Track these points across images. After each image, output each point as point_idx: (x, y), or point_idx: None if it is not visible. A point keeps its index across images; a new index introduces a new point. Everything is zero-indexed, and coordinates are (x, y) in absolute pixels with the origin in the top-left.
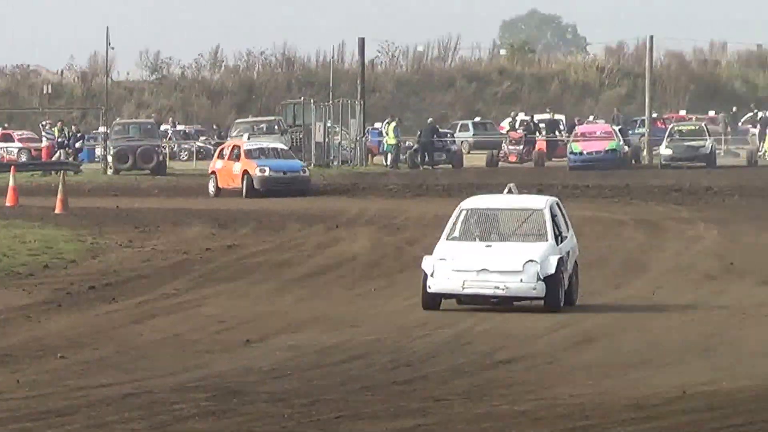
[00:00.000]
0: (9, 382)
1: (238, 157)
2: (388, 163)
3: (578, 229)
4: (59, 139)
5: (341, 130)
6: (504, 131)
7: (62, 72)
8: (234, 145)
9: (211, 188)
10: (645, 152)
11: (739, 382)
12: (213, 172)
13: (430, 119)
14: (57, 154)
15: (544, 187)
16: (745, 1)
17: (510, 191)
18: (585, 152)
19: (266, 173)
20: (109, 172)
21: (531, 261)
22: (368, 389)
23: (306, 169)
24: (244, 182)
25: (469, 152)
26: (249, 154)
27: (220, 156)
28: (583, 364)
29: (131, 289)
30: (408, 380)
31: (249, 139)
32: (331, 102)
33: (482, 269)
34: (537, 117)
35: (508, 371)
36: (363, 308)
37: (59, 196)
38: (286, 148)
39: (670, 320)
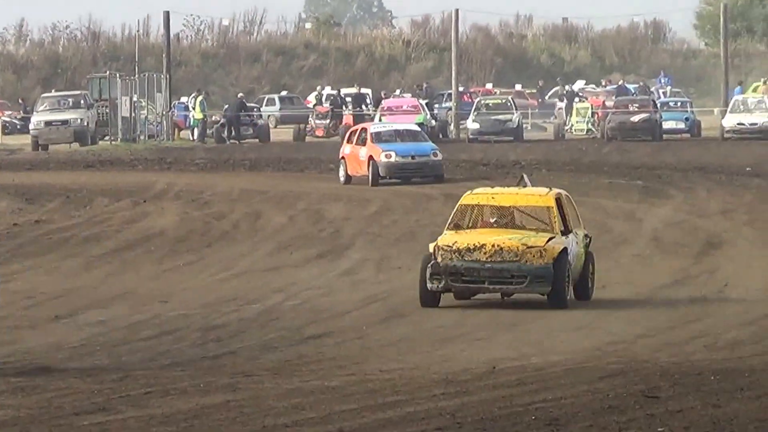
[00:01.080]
0: None
1: (364, 142)
2: (195, 137)
3: (387, 203)
4: None
5: (147, 104)
6: (310, 105)
7: None
8: (362, 128)
9: (341, 175)
10: (452, 126)
11: (549, 357)
12: (342, 158)
13: (240, 94)
14: None
15: None
16: None
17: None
18: None
19: (392, 158)
20: None
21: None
22: (178, 365)
23: (438, 152)
24: (370, 169)
25: (276, 126)
26: (376, 137)
27: (349, 140)
28: (393, 339)
29: None
30: (217, 356)
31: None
32: (137, 76)
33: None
34: (343, 91)
35: (318, 347)
36: (171, 283)
37: None
38: (417, 129)
39: (478, 296)
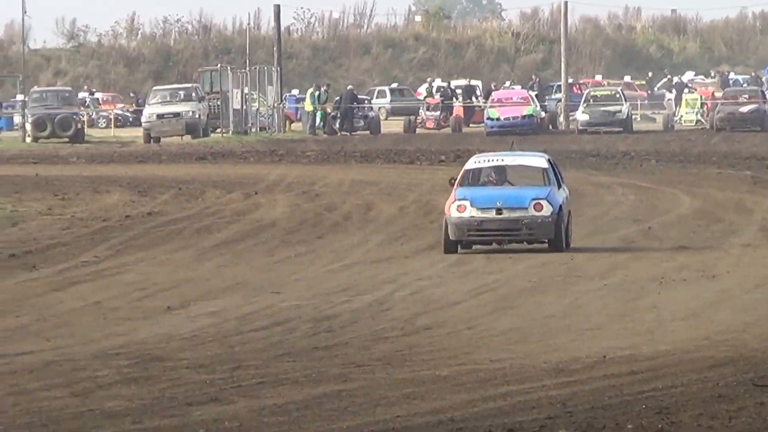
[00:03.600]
0: None
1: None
2: (309, 129)
3: None
4: None
5: (259, 96)
6: (421, 97)
7: None
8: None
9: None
10: (562, 118)
11: (659, 346)
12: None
13: (350, 86)
14: None
15: (462, 153)
16: None
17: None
18: (502, 118)
19: (465, 212)
20: (28, 140)
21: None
22: (289, 355)
23: (549, 202)
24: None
25: (386, 118)
26: (465, 178)
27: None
28: (503, 329)
29: (52, 257)
30: (329, 346)
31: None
32: (247, 69)
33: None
34: (453, 83)
35: (429, 337)
36: (283, 274)
37: None
38: (539, 166)
39: (588, 285)
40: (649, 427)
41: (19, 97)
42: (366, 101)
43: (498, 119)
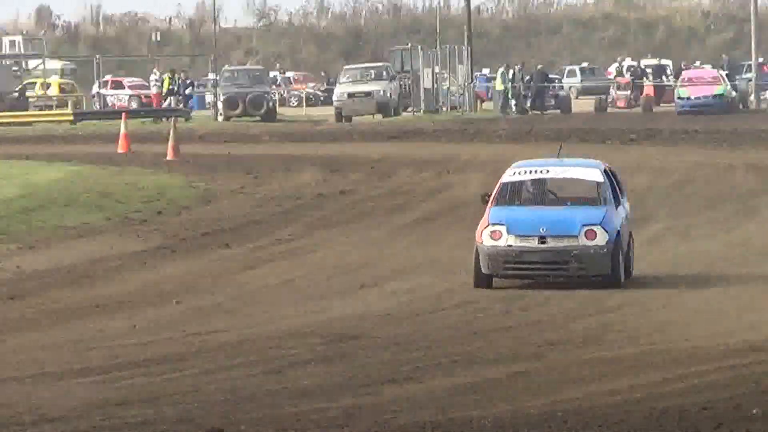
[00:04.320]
0: (126, 327)
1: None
2: (500, 108)
3: (688, 173)
4: (170, 87)
5: (449, 76)
6: (611, 77)
7: (170, 19)
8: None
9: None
10: (752, 97)
11: None
12: None
13: (540, 65)
14: (167, 102)
15: (654, 132)
16: None
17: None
18: (693, 97)
19: (500, 240)
20: (220, 118)
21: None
22: (482, 333)
23: (603, 228)
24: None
25: (577, 97)
26: (501, 195)
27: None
28: (697, 307)
29: (245, 235)
30: (521, 325)
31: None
32: (438, 48)
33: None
34: (643, 62)
35: (622, 315)
36: None
37: (171, 142)
38: (593, 180)
39: None
40: None
41: (211, 76)
42: (556, 80)
43: (689, 98)
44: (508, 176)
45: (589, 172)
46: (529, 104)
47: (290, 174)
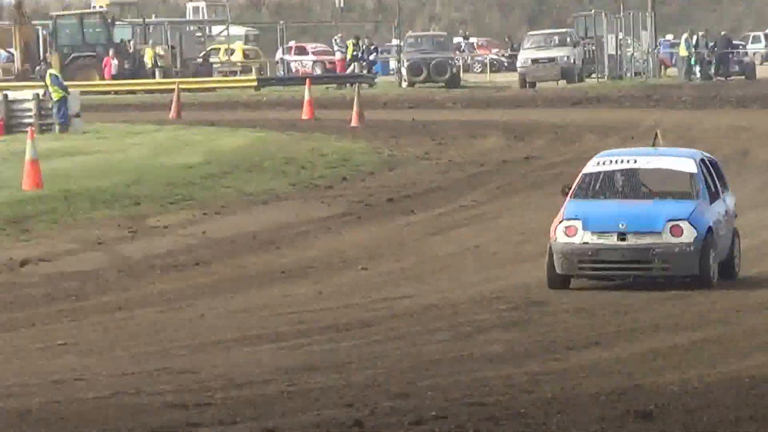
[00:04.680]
0: (311, 293)
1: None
2: (684, 74)
3: None
4: (354, 53)
5: (633, 42)
6: None
7: None
8: None
9: None
10: None
11: None
12: None
13: (724, 31)
14: (351, 68)
15: None
16: None
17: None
18: None
19: (575, 237)
20: (403, 84)
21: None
22: (669, 300)
23: (692, 227)
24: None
25: (761, 63)
26: (581, 188)
27: None
28: None
29: (429, 201)
30: (705, 292)
31: None
32: (622, 14)
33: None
34: None
35: None
36: None
37: (355, 108)
38: (687, 170)
39: None
40: None
41: (395, 42)
42: (741, 46)
43: None
44: (591, 166)
45: (681, 162)
46: (713, 70)
47: (474, 140)
